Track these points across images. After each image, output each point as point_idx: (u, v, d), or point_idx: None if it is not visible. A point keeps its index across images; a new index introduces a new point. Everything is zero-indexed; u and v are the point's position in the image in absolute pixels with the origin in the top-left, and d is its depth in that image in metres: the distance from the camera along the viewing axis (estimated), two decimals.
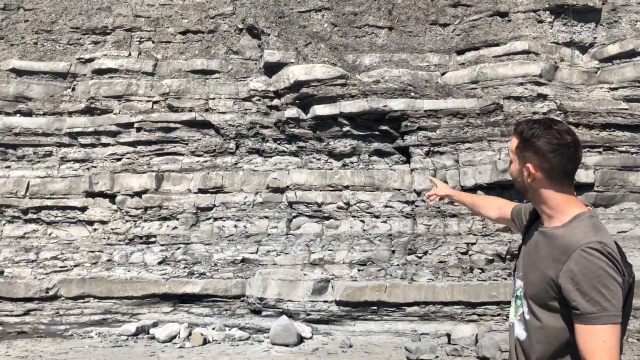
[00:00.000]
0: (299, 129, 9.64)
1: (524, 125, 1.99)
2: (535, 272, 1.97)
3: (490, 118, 8.97)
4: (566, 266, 1.85)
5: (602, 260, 1.82)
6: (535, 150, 1.94)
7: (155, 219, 9.94)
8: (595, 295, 1.81)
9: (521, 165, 2.00)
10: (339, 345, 7.42)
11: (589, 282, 1.81)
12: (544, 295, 1.93)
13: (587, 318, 1.83)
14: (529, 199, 2.07)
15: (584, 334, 1.84)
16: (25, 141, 10.19)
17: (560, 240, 1.92)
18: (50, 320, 8.85)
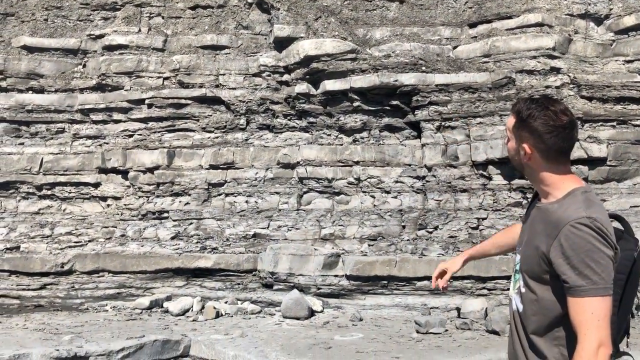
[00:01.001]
0: (309, 104, 9.61)
1: (522, 105, 2.05)
2: (530, 247, 2.04)
3: (502, 92, 8.88)
4: (557, 241, 1.92)
5: (590, 235, 1.87)
6: (532, 131, 2.00)
7: (167, 195, 10.03)
8: (584, 269, 1.86)
9: (518, 144, 2.06)
10: (350, 319, 7.52)
11: (578, 256, 1.87)
12: (537, 269, 2.00)
13: (577, 291, 1.89)
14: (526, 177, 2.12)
15: (574, 306, 1.91)
16: (38, 118, 10.27)
17: (552, 216, 1.98)
18: (66, 294, 9.04)
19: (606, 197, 8.66)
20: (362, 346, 6.05)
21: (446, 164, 9.10)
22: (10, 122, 10.29)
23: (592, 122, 8.64)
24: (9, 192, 10.23)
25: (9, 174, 10.09)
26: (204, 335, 6.64)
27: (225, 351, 6.06)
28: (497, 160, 8.65)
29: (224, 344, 6.26)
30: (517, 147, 2.07)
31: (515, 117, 2.06)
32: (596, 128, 8.65)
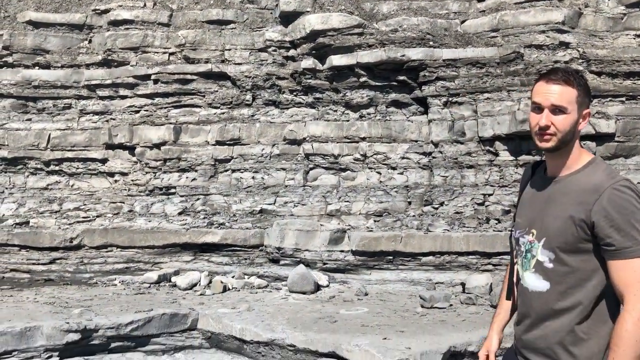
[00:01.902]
0: (316, 80, 9.56)
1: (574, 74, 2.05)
2: (557, 220, 2.00)
3: (510, 67, 8.79)
4: (598, 205, 1.91)
5: (633, 197, 1.91)
6: (590, 95, 2.05)
7: (174, 171, 10.07)
8: (631, 230, 1.88)
9: (579, 113, 2.04)
10: (355, 293, 7.59)
11: (624, 218, 1.88)
12: (573, 239, 1.97)
13: (623, 253, 1.89)
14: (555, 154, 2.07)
15: (619, 268, 1.90)
16: (45, 94, 10.28)
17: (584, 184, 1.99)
18: (75, 268, 9.16)
19: None
20: (367, 320, 6.12)
21: (453, 140, 9.07)
22: (17, 98, 10.32)
23: (601, 97, 8.55)
24: (17, 168, 10.31)
25: (17, 150, 10.15)
26: (212, 309, 6.73)
27: (232, 324, 6.15)
28: (504, 136, 8.61)
29: (231, 317, 6.34)
30: (578, 118, 2.04)
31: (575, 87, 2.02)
32: (605, 103, 8.57)
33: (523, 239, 2.13)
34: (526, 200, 2.20)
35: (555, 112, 2.02)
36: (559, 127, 2.01)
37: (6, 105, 10.36)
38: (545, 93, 2.02)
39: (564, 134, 2.02)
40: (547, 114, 2.02)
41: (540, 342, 2.06)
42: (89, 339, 5.87)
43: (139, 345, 6.15)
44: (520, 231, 2.16)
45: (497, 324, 2.43)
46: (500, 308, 2.45)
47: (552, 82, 2.02)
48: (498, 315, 2.45)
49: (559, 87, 2.01)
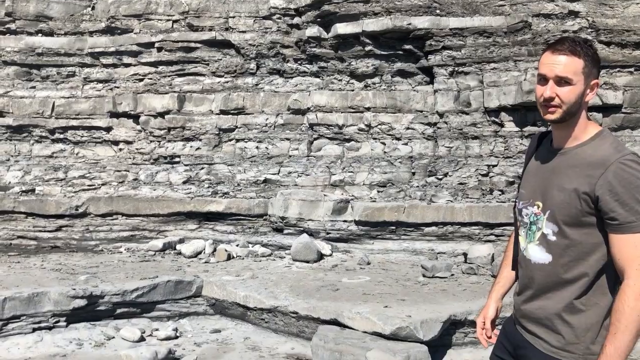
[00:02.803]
0: (320, 48, 9.46)
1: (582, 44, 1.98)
2: (562, 193, 1.98)
3: (518, 37, 8.67)
4: (603, 179, 1.89)
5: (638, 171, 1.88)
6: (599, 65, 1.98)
7: (178, 140, 10.07)
8: (635, 205, 1.86)
9: (586, 84, 1.98)
10: (357, 262, 7.66)
11: (629, 192, 1.86)
12: (576, 212, 1.96)
13: (626, 227, 1.88)
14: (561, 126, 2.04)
15: (621, 243, 1.90)
16: (48, 61, 10.24)
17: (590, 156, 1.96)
18: (81, 236, 9.26)
19: None
20: (369, 288, 6.19)
21: (458, 111, 9.01)
22: (21, 66, 10.28)
23: (609, 67, 8.44)
24: (22, 136, 10.33)
25: (22, 118, 10.17)
26: (216, 276, 6.81)
27: (236, 292, 6.23)
28: (509, 107, 8.54)
29: (235, 284, 6.42)
30: (585, 88, 1.99)
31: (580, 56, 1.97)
32: (613, 74, 8.46)
33: (527, 210, 2.12)
34: (531, 172, 2.18)
35: (560, 84, 1.97)
36: (564, 99, 1.97)
37: (10, 72, 10.33)
38: (551, 64, 1.98)
39: (569, 105, 1.98)
40: (552, 86, 1.98)
41: (539, 312, 2.07)
42: (95, 305, 5.96)
43: (144, 312, 6.25)
44: (524, 202, 2.15)
45: (496, 292, 2.44)
46: (500, 277, 2.45)
47: (558, 53, 1.98)
48: (497, 284, 2.45)
49: (564, 58, 1.97)
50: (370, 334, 5.05)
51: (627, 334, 1.85)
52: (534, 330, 2.10)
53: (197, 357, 5.15)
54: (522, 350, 2.14)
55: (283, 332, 5.83)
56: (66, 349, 5.43)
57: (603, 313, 1.98)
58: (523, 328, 2.16)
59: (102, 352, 5.37)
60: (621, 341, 1.86)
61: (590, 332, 1.99)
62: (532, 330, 2.10)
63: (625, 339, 1.85)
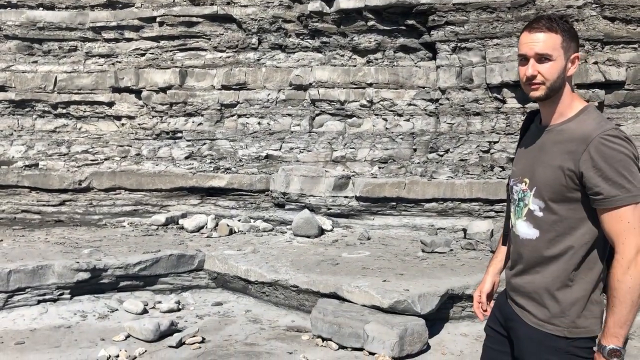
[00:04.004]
0: (323, 23, 9.40)
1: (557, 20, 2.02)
2: (547, 169, 2.02)
3: (521, 12, 8.59)
4: (586, 154, 1.92)
5: (621, 145, 1.90)
6: (577, 39, 2.04)
7: (180, 115, 10.09)
8: (618, 179, 1.88)
9: (566, 58, 2.01)
10: (358, 238, 7.73)
11: (611, 167, 1.88)
12: (561, 189, 1.99)
13: (611, 201, 1.90)
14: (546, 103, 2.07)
15: (608, 217, 1.92)
16: (50, 35, 10.21)
17: (574, 132, 1.98)
18: (85, 210, 9.34)
19: (621, 121, 8.55)
20: (368, 263, 6.26)
21: (460, 87, 8.99)
22: (23, 40, 10.27)
23: (613, 44, 8.38)
24: (25, 110, 10.36)
25: (24, 92, 10.19)
26: (218, 250, 6.89)
27: (238, 266, 6.31)
28: (512, 83, 8.52)
29: (236, 259, 6.50)
30: (566, 63, 2.02)
31: (559, 33, 2.00)
32: (617, 50, 8.40)
33: (516, 187, 2.17)
34: (522, 149, 2.22)
35: (541, 61, 2.00)
36: (546, 75, 2.00)
37: (11, 46, 10.32)
38: (529, 43, 2.01)
39: (552, 81, 2.01)
40: (533, 64, 2.01)
41: (528, 286, 2.12)
42: (98, 278, 6.06)
43: (147, 285, 6.34)
44: (515, 179, 2.19)
45: (493, 267, 2.50)
46: (498, 253, 2.51)
47: (535, 31, 2.01)
48: (495, 259, 2.51)
49: (542, 35, 2.00)
50: (368, 307, 5.13)
51: (623, 306, 1.89)
52: (523, 304, 2.15)
53: (199, 329, 5.25)
54: (511, 323, 2.21)
55: (283, 305, 5.92)
56: (70, 320, 5.54)
57: (589, 287, 2.02)
58: (513, 301, 2.21)
59: (105, 324, 5.48)
60: (618, 314, 1.90)
61: (575, 306, 2.03)
62: (521, 303, 2.16)
63: (622, 312, 1.90)
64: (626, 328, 1.92)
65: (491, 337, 2.34)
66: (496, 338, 2.31)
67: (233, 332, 5.31)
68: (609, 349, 1.92)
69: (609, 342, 1.93)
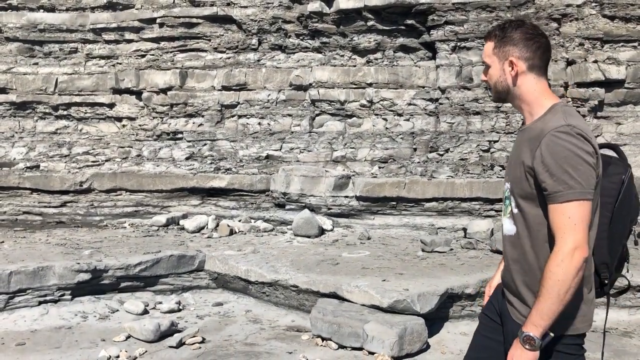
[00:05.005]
0: (322, 23, 9.42)
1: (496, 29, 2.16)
2: (517, 167, 2.09)
3: (521, 11, 8.60)
4: (538, 150, 1.97)
5: (569, 142, 1.92)
6: (515, 42, 2.10)
7: (181, 116, 10.11)
8: (562, 175, 1.91)
9: (502, 63, 2.11)
10: (358, 237, 7.73)
11: (556, 163, 1.92)
12: (525, 185, 2.05)
13: (555, 197, 1.94)
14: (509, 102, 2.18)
15: (552, 212, 1.96)
16: (51, 37, 10.24)
17: (536, 130, 2.04)
18: (86, 211, 9.37)
19: (621, 120, 8.55)
20: (368, 262, 6.27)
21: (460, 86, 8.99)
22: (24, 42, 10.30)
23: (613, 42, 8.39)
24: (26, 112, 10.40)
25: (26, 94, 10.22)
26: (218, 251, 6.90)
27: (238, 266, 6.32)
28: None
29: (236, 259, 6.51)
30: (502, 67, 2.12)
31: (493, 40, 2.14)
32: (616, 49, 8.41)
33: (504, 187, 2.24)
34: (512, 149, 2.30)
35: (487, 68, 2.18)
36: (489, 80, 2.17)
37: (12, 49, 10.35)
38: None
39: (494, 85, 2.16)
40: (483, 71, 2.20)
41: (512, 282, 2.17)
42: (99, 279, 6.07)
43: (147, 285, 6.36)
44: (504, 179, 2.27)
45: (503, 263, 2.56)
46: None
47: (485, 40, 2.20)
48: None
49: (485, 44, 2.18)
50: (368, 307, 5.14)
51: (548, 297, 1.92)
52: (510, 299, 2.20)
53: (199, 329, 5.26)
54: (503, 317, 2.26)
55: (283, 305, 5.94)
56: (71, 321, 5.56)
57: None
58: (504, 296, 2.26)
59: (106, 325, 5.50)
60: (543, 304, 1.93)
61: None
62: (509, 299, 2.21)
63: (547, 303, 1.92)
64: (548, 320, 1.93)
65: (484, 324, 2.39)
66: (491, 326, 2.34)
67: (233, 332, 5.32)
68: (525, 335, 1.96)
69: (527, 328, 1.96)
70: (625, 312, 5.63)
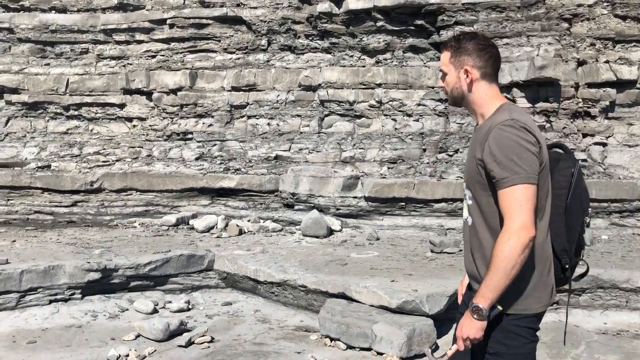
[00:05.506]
0: (332, 24, 9.43)
1: (452, 40, 2.37)
2: (469, 162, 2.32)
3: (531, 12, 8.56)
4: (486, 144, 2.18)
5: (513, 133, 2.13)
6: (470, 52, 2.31)
7: (191, 116, 10.15)
8: (508, 163, 2.11)
9: (457, 71, 2.32)
10: (366, 238, 7.73)
11: (502, 152, 2.12)
12: (477, 177, 2.26)
13: (502, 182, 2.13)
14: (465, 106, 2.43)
15: (501, 197, 2.15)
16: (62, 38, 10.33)
17: (485, 128, 2.25)
18: (96, 211, 9.43)
19: (633, 120, 8.48)
20: (377, 263, 6.27)
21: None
22: (35, 43, 10.39)
23: (625, 42, 8.33)
24: (37, 113, 10.48)
25: (37, 95, 10.31)
26: (227, 250, 6.93)
27: (247, 266, 6.34)
28: (522, 83, 8.48)
29: (245, 259, 6.53)
30: (457, 74, 2.32)
31: (449, 50, 2.34)
32: (628, 49, 8.34)
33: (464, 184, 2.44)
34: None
35: (444, 76, 2.38)
36: (446, 86, 2.38)
37: (25, 50, 10.45)
38: None
39: (450, 90, 2.36)
40: (440, 78, 2.42)
41: (471, 268, 2.36)
42: (109, 278, 6.12)
43: (157, 285, 6.39)
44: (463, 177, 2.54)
45: None
46: None
47: (441, 50, 2.43)
48: None
49: (442, 54, 2.38)
50: (376, 308, 5.14)
51: (496, 272, 2.10)
52: (473, 285, 2.37)
53: (209, 328, 5.28)
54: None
55: (292, 305, 5.95)
56: (81, 320, 5.60)
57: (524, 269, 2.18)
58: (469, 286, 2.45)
59: (116, 324, 5.53)
60: (491, 278, 2.12)
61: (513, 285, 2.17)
62: (472, 285, 2.38)
63: (494, 277, 2.11)
64: (495, 293, 2.12)
65: None
66: None
67: (242, 332, 5.34)
68: (474, 306, 2.16)
69: (477, 300, 2.16)
70: (636, 314, 5.58)
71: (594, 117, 8.46)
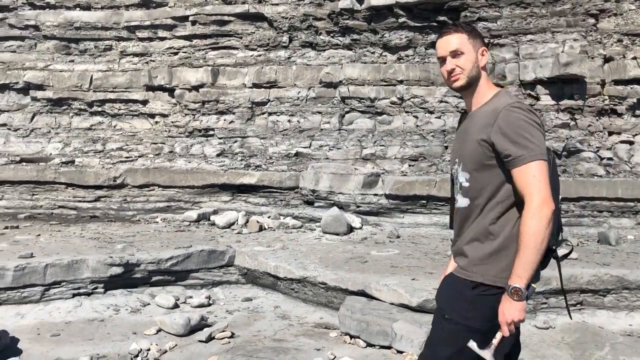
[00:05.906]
0: (353, 20, 9.38)
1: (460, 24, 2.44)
2: (469, 145, 2.35)
3: (557, 7, 8.41)
4: (496, 125, 2.25)
5: (522, 114, 2.23)
6: (481, 37, 2.45)
7: (212, 113, 10.21)
8: (522, 141, 2.20)
9: (475, 52, 2.39)
10: (387, 236, 7.69)
11: (515, 131, 2.21)
12: (482, 158, 2.31)
13: (519, 160, 2.21)
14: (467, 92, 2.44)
15: (518, 174, 2.22)
16: (86, 35, 10.45)
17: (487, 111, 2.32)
18: (119, 206, 9.54)
19: None
20: (397, 261, 6.23)
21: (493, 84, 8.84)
22: (60, 40, 10.53)
23: None
24: (62, 109, 10.63)
25: (62, 91, 10.45)
26: (248, 246, 6.95)
27: (267, 262, 6.36)
28: (546, 80, 8.35)
29: (265, 255, 6.55)
30: (476, 55, 2.38)
31: (464, 32, 2.38)
32: None
33: (453, 169, 2.50)
34: (454, 140, 2.61)
35: (455, 56, 2.38)
36: (462, 66, 2.37)
37: (50, 46, 10.59)
38: (443, 45, 2.40)
39: (468, 70, 2.37)
40: (450, 60, 2.38)
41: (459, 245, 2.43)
42: (131, 273, 6.18)
43: (178, 280, 6.44)
44: (451, 164, 2.54)
45: None
46: None
47: (445, 35, 2.41)
48: None
49: (451, 36, 2.39)
50: (396, 306, 5.11)
51: (527, 249, 2.16)
52: (457, 261, 2.44)
53: (229, 324, 5.30)
54: None
55: (312, 301, 5.94)
56: (104, 314, 5.66)
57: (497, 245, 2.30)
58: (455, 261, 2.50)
59: (137, 318, 5.59)
60: (523, 256, 2.17)
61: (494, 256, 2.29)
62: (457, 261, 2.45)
63: (526, 254, 2.17)
64: (530, 270, 2.17)
65: None
66: None
67: (262, 328, 5.35)
68: (512, 287, 2.19)
69: (513, 281, 2.19)
70: None
71: (621, 115, 8.29)
